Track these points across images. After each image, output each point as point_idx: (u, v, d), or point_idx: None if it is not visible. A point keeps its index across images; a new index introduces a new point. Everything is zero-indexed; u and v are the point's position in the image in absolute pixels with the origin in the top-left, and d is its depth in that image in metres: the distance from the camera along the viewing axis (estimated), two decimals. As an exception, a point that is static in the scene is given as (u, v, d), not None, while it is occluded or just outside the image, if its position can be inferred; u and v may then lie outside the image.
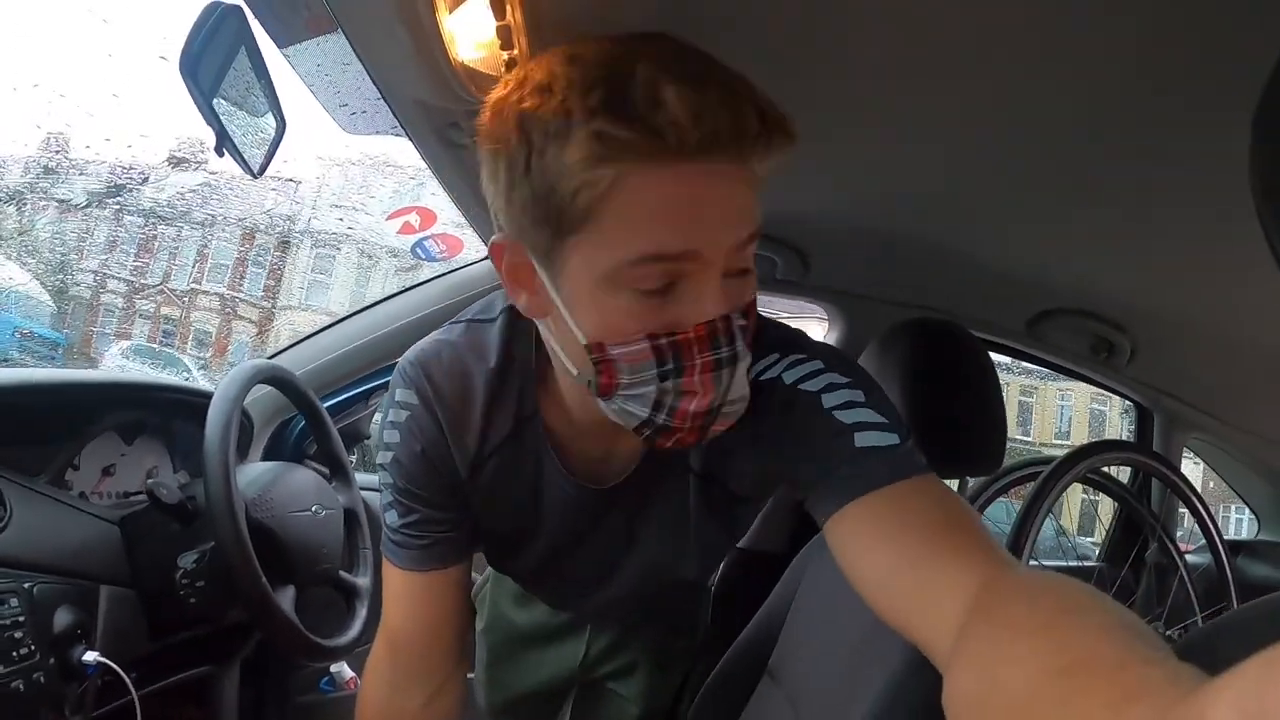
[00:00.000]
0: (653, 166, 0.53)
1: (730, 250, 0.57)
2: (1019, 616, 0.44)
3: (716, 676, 1.07)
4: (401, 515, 0.78)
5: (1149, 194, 1.01)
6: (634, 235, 0.55)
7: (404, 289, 1.59)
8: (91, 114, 3.52)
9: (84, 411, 1.14)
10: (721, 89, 0.53)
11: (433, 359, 0.76)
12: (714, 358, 0.58)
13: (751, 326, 0.63)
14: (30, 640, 0.84)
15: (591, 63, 0.55)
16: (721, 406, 0.62)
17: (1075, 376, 1.80)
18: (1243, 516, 2.99)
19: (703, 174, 0.54)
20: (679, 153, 0.52)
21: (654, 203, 0.54)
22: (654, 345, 0.58)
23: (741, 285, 0.61)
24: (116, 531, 1.06)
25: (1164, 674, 0.34)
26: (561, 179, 0.54)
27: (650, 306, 0.57)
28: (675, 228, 0.55)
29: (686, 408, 0.61)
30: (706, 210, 0.55)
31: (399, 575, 0.80)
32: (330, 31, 0.78)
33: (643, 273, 0.56)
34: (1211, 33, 0.68)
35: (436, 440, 0.75)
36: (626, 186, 0.53)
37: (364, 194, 6.98)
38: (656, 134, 0.51)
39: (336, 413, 1.56)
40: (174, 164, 4.65)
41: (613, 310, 0.58)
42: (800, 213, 1.28)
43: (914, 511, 0.59)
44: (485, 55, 0.72)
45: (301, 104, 1.02)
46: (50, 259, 4.73)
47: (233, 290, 7.72)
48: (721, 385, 0.60)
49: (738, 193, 0.56)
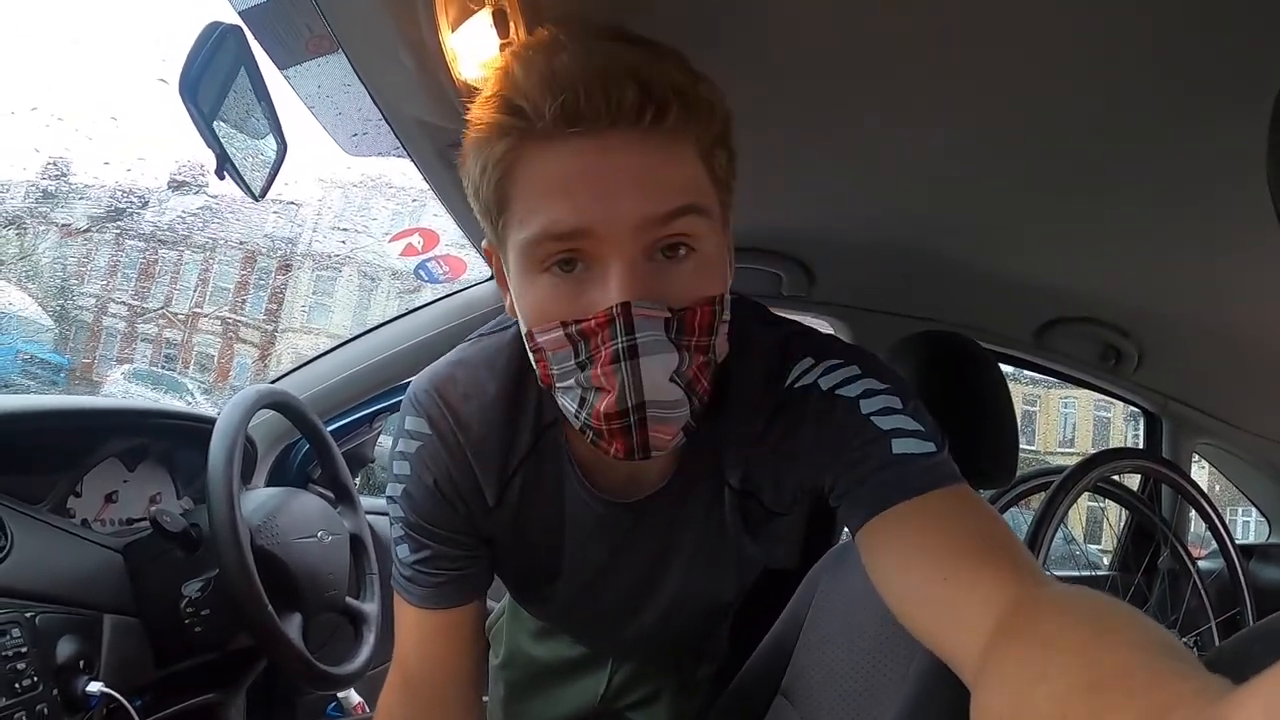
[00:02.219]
0: (538, 144, 0.54)
1: (639, 226, 0.54)
2: (1050, 633, 0.43)
3: (729, 697, 1.05)
4: (413, 550, 0.75)
5: (1154, 201, 1.02)
6: (531, 213, 0.55)
7: (407, 311, 1.59)
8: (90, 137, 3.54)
9: (86, 438, 1.13)
10: (591, 62, 0.52)
11: (446, 382, 0.73)
12: (612, 348, 0.55)
13: (705, 319, 0.58)
14: (33, 671, 0.83)
15: (505, 62, 0.56)
16: (637, 409, 0.57)
17: (1083, 385, 1.80)
18: (1250, 519, 2.97)
19: (593, 148, 0.53)
20: (552, 128, 0.52)
21: (542, 179, 0.54)
22: (566, 333, 0.57)
23: (676, 268, 0.57)
24: (120, 559, 1.04)
25: (1194, 687, 0.33)
26: (477, 171, 0.57)
27: (565, 291, 0.56)
28: (564, 204, 0.54)
29: (600, 407, 0.58)
30: (597, 184, 0.53)
31: (413, 612, 0.77)
32: (331, 52, 0.78)
33: (543, 252, 0.55)
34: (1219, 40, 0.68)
35: (453, 470, 0.72)
36: (520, 166, 0.55)
37: (365, 216, 7.00)
38: (517, 112, 0.53)
39: (340, 436, 1.55)
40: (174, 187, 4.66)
41: (535, 294, 0.58)
42: (804, 227, 1.27)
43: (947, 523, 0.58)
44: (488, 75, 0.71)
45: (302, 126, 1.02)
46: (51, 283, 4.73)
47: (234, 313, 7.73)
48: (621, 379, 0.55)
49: (637, 165, 0.53)
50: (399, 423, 0.75)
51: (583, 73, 0.51)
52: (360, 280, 8.04)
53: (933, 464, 0.62)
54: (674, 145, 0.55)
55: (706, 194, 0.58)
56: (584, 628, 1.01)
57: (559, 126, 0.52)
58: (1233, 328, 1.41)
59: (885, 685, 0.84)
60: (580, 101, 0.51)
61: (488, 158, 0.56)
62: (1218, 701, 0.29)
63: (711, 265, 0.59)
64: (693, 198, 0.56)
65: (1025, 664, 0.43)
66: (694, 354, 0.58)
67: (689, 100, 0.54)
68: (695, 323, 0.58)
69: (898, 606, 0.59)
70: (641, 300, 0.54)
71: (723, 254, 0.61)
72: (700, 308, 0.58)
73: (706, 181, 0.58)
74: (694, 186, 0.56)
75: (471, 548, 0.77)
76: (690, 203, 0.55)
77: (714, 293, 0.58)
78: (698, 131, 0.56)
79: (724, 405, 0.69)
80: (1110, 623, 0.42)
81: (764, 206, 1.17)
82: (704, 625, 1.06)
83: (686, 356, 0.58)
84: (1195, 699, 0.32)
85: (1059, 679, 0.39)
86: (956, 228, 1.22)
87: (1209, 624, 1.78)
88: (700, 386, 0.60)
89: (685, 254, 0.57)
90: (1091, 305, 1.45)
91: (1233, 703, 0.28)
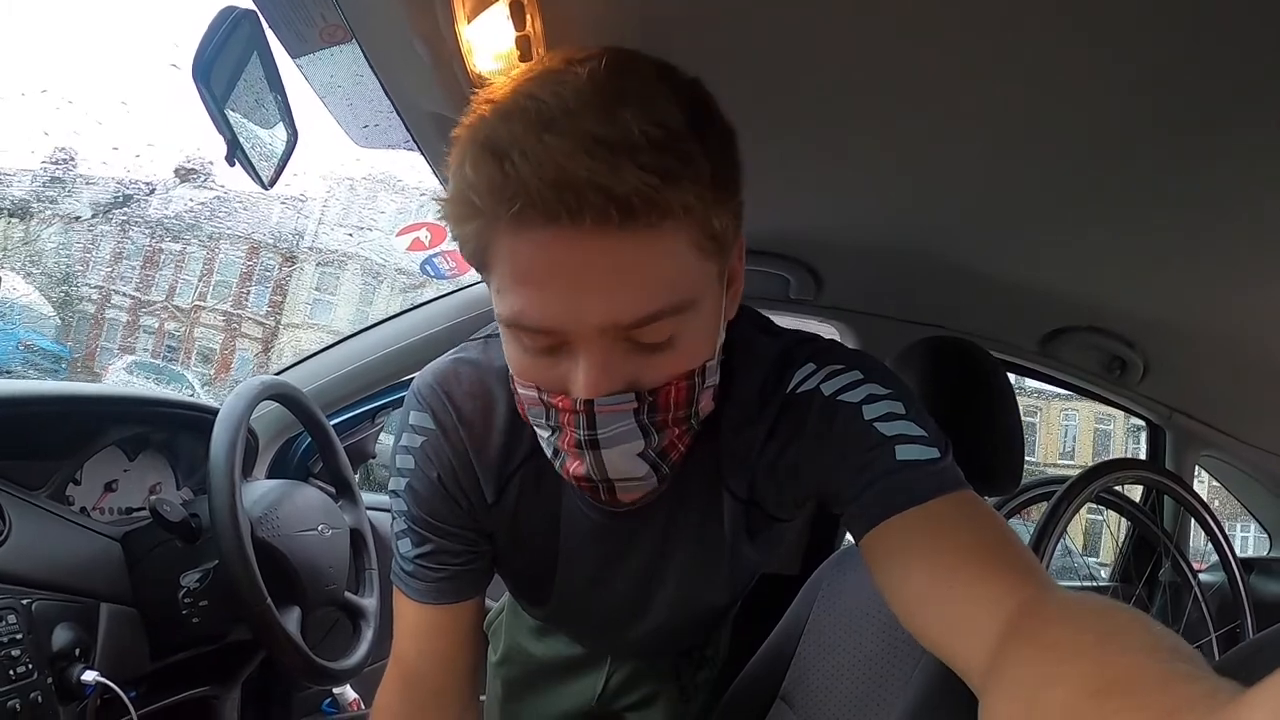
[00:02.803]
0: (506, 229, 0.49)
1: (605, 329, 0.51)
2: (1059, 638, 0.43)
3: (729, 701, 1.05)
4: (416, 544, 0.75)
5: (1164, 213, 1.01)
6: (504, 296, 0.53)
7: (412, 306, 1.58)
8: (100, 122, 3.51)
9: (87, 426, 1.12)
10: (543, 172, 0.46)
11: (451, 379, 0.73)
12: (574, 436, 0.56)
13: (680, 395, 0.57)
14: (28, 658, 0.83)
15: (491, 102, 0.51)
16: (607, 482, 0.60)
17: (1086, 395, 1.79)
18: (1248, 534, 2.97)
19: (560, 242, 0.48)
20: (521, 214, 0.47)
21: (511, 264, 0.51)
22: (539, 397, 0.57)
23: (647, 358, 0.54)
24: (118, 548, 1.04)
25: (1203, 689, 0.33)
26: (458, 230, 0.53)
27: (541, 361, 0.55)
28: (531, 297, 0.51)
29: (569, 467, 0.60)
30: (563, 280, 0.50)
31: (413, 608, 0.77)
32: (344, 42, 0.78)
33: (517, 334, 0.55)
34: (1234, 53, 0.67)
35: (456, 465, 0.72)
36: (492, 247, 0.52)
37: (372, 211, 6.99)
38: (478, 209, 0.49)
39: (343, 431, 1.55)
40: (181, 177, 4.66)
41: (513, 352, 0.58)
42: (812, 231, 1.27)
43: (953, 529, 0.58)
44: (503, 67, 0.71)
45: (311, 117, 1.01)
46: (54, 272, 4.73)
47: (237, 307, 7.73)
48: (587, 462, 0.58)
49: (610, 264, 0.49)
50: (403, 417, 0.74)
51: (536, 180, 0.46)
52: (364, 276, 8.04)
53: (937, 470, 0.61)
54: (654, 239, 0.49)
55: (691, 283, 0.53)
56: (580, 630, 1.01)
57: (520, 224, 0.48)
58: (1240, 341, 1.40)
59: (888, 693, 0.84)
60: (536, 205, 0.47)
61: (462, 230, 0.53)
62: (1227, 704, 0.29)
63: (695, 344, 0.57)
64: (670, 299, 0.52)
65: (1033, 669, 0.42)
66: (668, 429, 0.59)
67: (661, 195, 0.47)
68: (670, 400, 0.57)
69: (903, 613, 0.58)
70: (606, 396, 0.54)
71: (711, 321, 0.58)
72: (675, 385, 0.57)
73: (695, 266, 0.53)
74: (674, 283, 0.52)
75: (473, 543, 0.76)
76: (664, 308, 0.52)
77: (694, 366, 0.57)
78: (678, 221, 0.50)
79: (725, 414, 0.68)
80: (1117, 627, 0.42)
81: (772, 210, 1.16)
82: (701, 629, 1.06)
83: (656, 436, 0.58)
84: (1204, 701, 0.32)
85: (1067, 684, 0.39)
86: (964, 234, 1.22)
87: (1209, 637, 1.78)
88: (675, 451, 0.61)
89: (662, 344, 0.54)
90: (1098, 315, 1.44)
91: (1242, 705, 0.28)
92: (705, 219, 0.52)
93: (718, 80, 0.56)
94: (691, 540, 0.77)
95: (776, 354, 0.69)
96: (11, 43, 4.40)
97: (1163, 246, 1.13)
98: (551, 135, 0.46)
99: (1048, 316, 1.48)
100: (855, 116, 0.87)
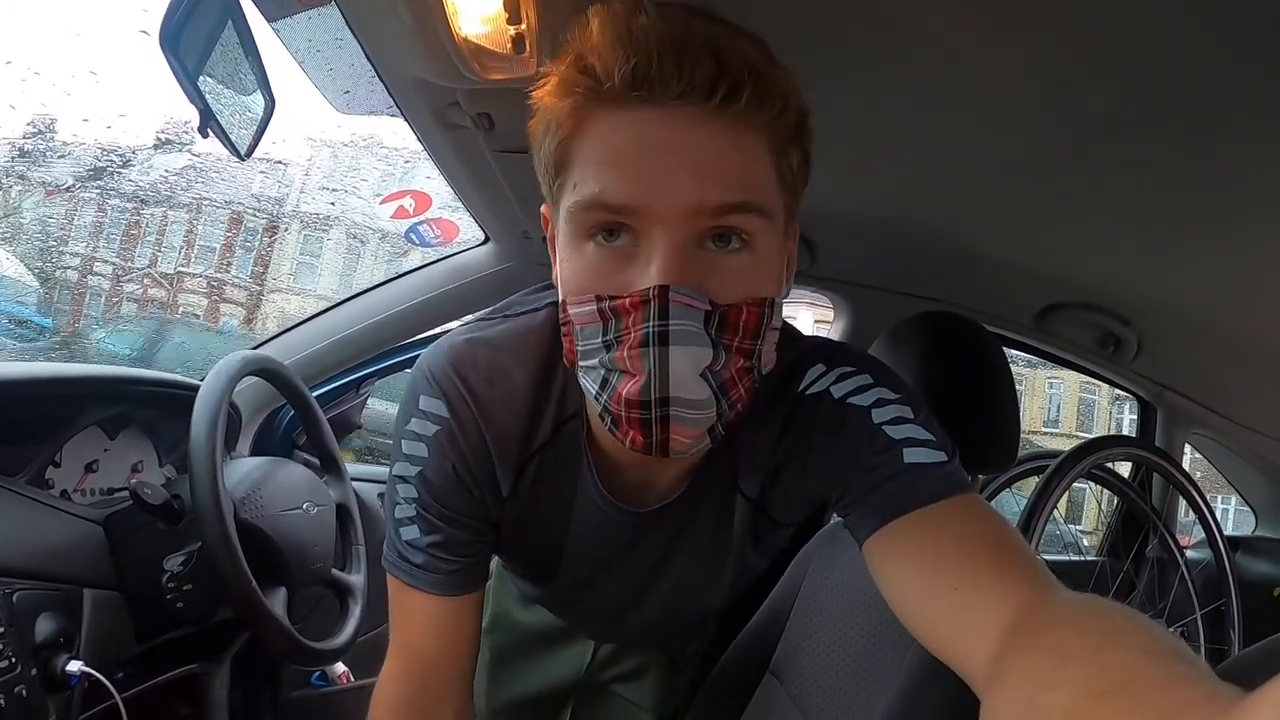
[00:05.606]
0: (604, 107, 0.52)
1: (691, 211, 0.51)
2: (1060, 641, 0.43)
3: (718, 674, 1.05)
4: (425, 533, 0.71)
5: (1163, 192, 1.01)
6: (587, 178, 0.53)
7: (396, 275, 1.55)
8: (69, 93, 3.39)
9: (65, 407, 1.09)
10: (669, 29, 0.50)
11: (468, 363, 0.69)
12: (642, 331, 0.52)
13: (751, 320, 0.55)
14: (11, 652, 0.81)
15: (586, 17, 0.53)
16: (661, 403, 0.54)
17: (1081, 370, 1.79)
18: (1229, 508, 3.00)
19: (658, 120, 0.51)
20: (620, 92, 0.50)
21: (602, 145, 0.53)
22: (599, 308, 0.54)
23: (726, 260, 0.54)
24: (100, 532, 1.02)
25: (1204, 694, 0.34)
26: (542, 126, 0.56)
27: (606, 263, 0.54)
28: (619, 174, 0.52)
29: (622, 390, 0.55)
30: (656, 159, 0.51)
31: (423, 599, 0.73)
32: (323, 5, 0.74)
33: (591, 219, 0.54)
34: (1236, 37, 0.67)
35: (471, 456, 0.69)
36: (583, 127, 0.53)
37: (354, 176, 6.89)
38: (587, 70, 0.51)
39: (327, 402, 1.53)
40: (158, 146, 4.56)
41: (576, 263, 0.56)
42: (808, 203, 1.24)
43: (957, 531, 0.58)
44: (490, 30, 0.68)
45: (290, 81, 0.97)
46: (34, 243, 4.64)
47: (220, 273, 7.65)
48: (648, 366, 0.53)
49: (703, 145, 0.51)
50: (411, 399, 0.70)
51: (658, 37, 0.49)
52: (349, 241, 7.96)
53: (944, 473, 0.62)
54: (743, 134, 0.52)
55: (770, 195, 0.55)
56: (569, 614, 1.00)
57: (627, 91, 0.50)
58: (1234, 321, 1.40)
59: (879, 670, 0.84)
60: (652, 67, 0.49)
61: (553, 114, 0.54)
62: (1228, 708, 0.29)
63: (766, 266, 0.56)
64: (753, 195, 0.53)
65: (1035, 672, 0.43)
66: (733, 355, 0.55)
67: (764, 83, 0.51)
68: (740, 321, 0.55)
69: (906, 614, 0.59)
70: (682, 287, 0.52)
71: (781, 259, 0.59)
72: (747, 307, 0.55)
73: (773, 182, 0.55)
74: (757, 183, 0.54)
75: (482, 532, 0.74)
76: (749, 200, 0.53)
77: (765, 294, 0.56)
78: (770, 122, 0.53)
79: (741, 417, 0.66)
80: (1118, 629, 0.42)
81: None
82: (686, 626, 1.06)
83: (723, 355, 0.55)
84: (1205, 706, 0.33)
85: (1068, 687, 0.39)
86: (961, 208, 1.21)
87: (1194, 615, 1.80)
88: (735, 392, 0.57)
89: (738, 247, 0.54)
90: (1094, 292, 1.44)
91: (1243, 709, 0.28)
92: (784, 145, 0.55)
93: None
94: (701, 543, 0.77)
95: (790, 358, 0.69)
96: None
97: (1161, 225, 1.12)
98: (677, 11, 0.51)
99: (1044, 292, 1.48)
100: (853, 87, 0.86)
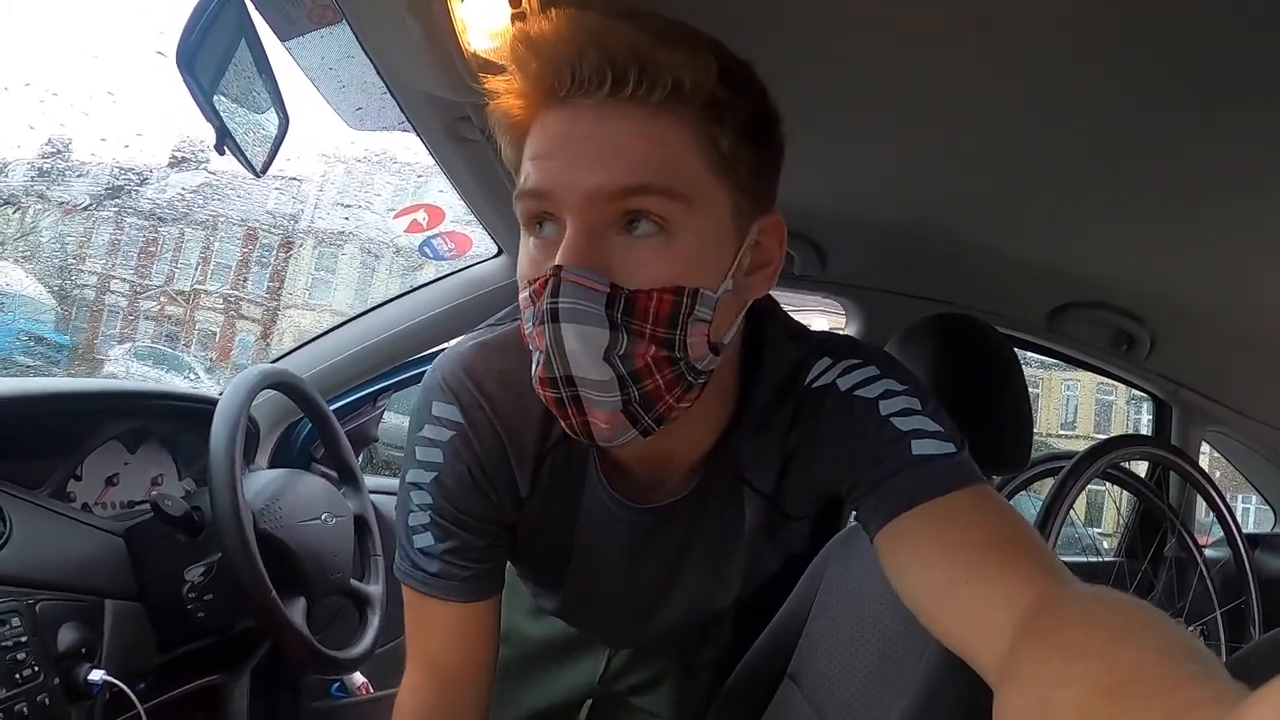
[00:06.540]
0: (533, 112, 0.55)
1: (591, 195, 0.52)
2: (1072, 636, 0.43)
3: (735, 681, 1.05)
4: (440, 539, 0.71)
5: (1173, 188, 1.01)
6: (522, 175, 0.56)
7: (411, 289, 1.56)
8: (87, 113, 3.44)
9: (86, 421, 1.11)
10: (559, 29, 0.52)
11: (479, 366, 0.70)
12: (542, 308, 0.53)
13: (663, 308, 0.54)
14: (34, 661, 0.82)
15: None
16: (566, 382, 0.55)
17: (1094, 370, 1.78)
18: (1249, 506, 2.96)
19: (565, 118, 0.53)
20: (538, 98, 0.54)
21: (532, 145, 0.55)
22: (528, 293, 0.57)
23: (634, 245, 0.54)
24: (121, 544, 1.03)
25: (1212, 691, 0.34)
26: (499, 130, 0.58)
27: (537, 253, 0.57)
28: (537, 167, 0.55)
29: (535, 370, 0.57)
30: (564, 151, 0.54)
31: (436, 607, 0.73)
32: (334, 23, 0.76)
33: (523, 208, 0.57)
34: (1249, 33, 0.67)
35: (486, 458, 0.70)
36: (524, 134, 0.56)
37: (368, 192, 6.94)
38: (510, 82, 0.55)
39: (344, 415, 1.54)
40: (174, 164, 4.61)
41: (522, 254, 0.59)
42: (816, 206, 1.25)
43: (968, 524, 0.58)
44: (499, 45, 0.69)
45: (303, 99, 0.99)
46: (52, 262, 4.69)
47: (236, 290, 7.71)
48: (547, 342, 0.54)
49: (604, 133, 0.52)
50: (423, 406, 0.71)
51: (554, 39, 0.52)
52: (363, 256, 8.01)
53: (953, 464, 0.61)
54: (649, 119, 0.52)
55: (687, 178, 0.54)
56: (585, 624, 1.00)
57: (541, 94, 0.54)
58: (1247, 317, 1.40)
59: (897, 672, 0.84)
60: (548, 69, 0.52)
61: (501, 118, 0.57)
62: (1235, 706, 0.29)
63: (688, 253, 0.55)
64: (656, 177, 0.52)
65: (1046, 667, 0.42)
66: (644, 342, 0.54)
67: (648, 66, 0.51)
68: (650, 308, 0.54)
69: (918, 608, 0.58)
70: (576, 267, 0.53)
71: (713, 248, 0.57)
72: (659, 294, 0.54)
73: (698, 166, 0.54)
74: (664, 165, 0.53)
75: (497, 536, 0.74)
76: (653, 182, 0.52)
77: (685, 282, 0.54)
78: (679, 107, 0.52)
79: (746, 413, 0.68)
80: (1131, 624, 0.42)
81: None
82: (702, 628, 1.06)
83: (624, 339, 0.54)
84: (1212, 704, 0.33)
85: (1079, 683, 0.39)
86: (972, 209, 1.21)
87: (1214, 614, 1.78)
88: (651, 381, 0.56)
89: (651, 231, 0.54)
90: (1106, 291, 1.43)
91: (1249, 707, 0.28)
92: (707, 127, 0.54)
93: (722, 55, 0.55)
94: (712, 542, 0.76)
95: (797, 352, 0.69)
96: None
97: (1171, 222, 1.12)
98: (587, 13, 0.52)
99: (1056, 292, 1.47)
100: (862, 90, 0.86)
